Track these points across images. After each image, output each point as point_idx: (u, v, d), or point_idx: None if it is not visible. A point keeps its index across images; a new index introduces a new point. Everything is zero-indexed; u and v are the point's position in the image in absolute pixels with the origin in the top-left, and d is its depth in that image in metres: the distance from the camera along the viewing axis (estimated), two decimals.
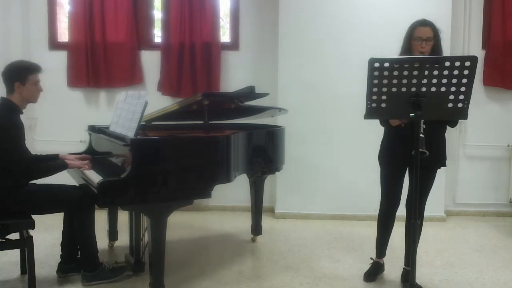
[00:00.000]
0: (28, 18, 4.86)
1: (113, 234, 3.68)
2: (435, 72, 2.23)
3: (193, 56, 4.75)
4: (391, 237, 3.12)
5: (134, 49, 4.84)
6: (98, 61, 4.80)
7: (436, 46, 2.78)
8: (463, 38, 4.72)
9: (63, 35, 5.02)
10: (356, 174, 4.54)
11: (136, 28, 4.85)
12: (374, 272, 3.14)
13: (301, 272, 3.29)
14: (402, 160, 2.87)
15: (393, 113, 2.41)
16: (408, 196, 2.96)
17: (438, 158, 2.86)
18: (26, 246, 2.78)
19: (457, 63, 2.21)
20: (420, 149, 2.36)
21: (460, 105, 2.29)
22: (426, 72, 2.24)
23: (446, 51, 4.31)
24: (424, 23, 2.78)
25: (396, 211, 3.03)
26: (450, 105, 2.30)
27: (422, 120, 2.39)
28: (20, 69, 2.88)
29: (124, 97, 3.20)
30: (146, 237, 2.93)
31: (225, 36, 5.02)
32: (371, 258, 3.19)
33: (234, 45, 4.92)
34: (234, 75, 4.86)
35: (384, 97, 2.32)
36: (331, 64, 4.56)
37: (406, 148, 2.77)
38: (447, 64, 2.22)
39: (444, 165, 2.92)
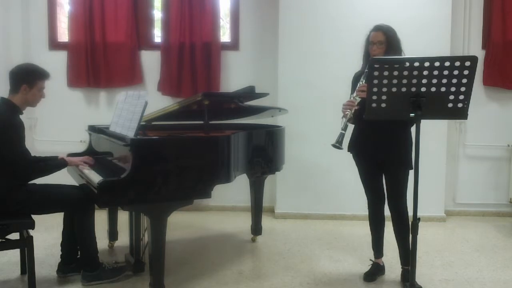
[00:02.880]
0: (28, 18, 4.86)
1: (113, 234, 3.68)
2: (435, 72, 2.24)
3: (193, 56, 4.75)
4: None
5: (134, 49, 4.84)
6: (98, 61, 4.80)
7: (389, 49, 2.84)
8: (463, 38, 4.72)
9: (63, 35, 5.02)
10: (356, 174, 4.51)
11: (136, 28, 4.85)
12: (374, 272, 3.15)
13: (301, 272, 3.29)
14: (372, 160, 2.96)
15: (393, 113, 2.41)
16: (387, 197, 3.00)
17: (400, 159, 2.87)
18: (26, 246, 2.78)
19: (457, 63, 2.21)
20: (336, 144, 2.68)
21: (460, 105, 2.30)
22: (426, 72, 2.24)
23: (446, 51, 4.38)
24: (376, 28, 2.91)
25: (383, 207, 3.05)
26: (450, 105, 2.31)
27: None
28: (31, 72, 2.89)
29: (124, 97, 3.20)
30: (146, 237, 2.93)
31: (225, 36, 5.02)
32: (371, 260, 3.20)
33: (234, 45, 4.92)
34: (234, 75, 4.86)
35: (384, 97, 2.32)
36: (331, 64, 4.55)
37: (372, 148, 2.91)
38: (447, 64, 2.22)
39: (411, 168, 2.84)
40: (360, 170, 3.10)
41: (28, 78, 2.85)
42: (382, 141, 2.87)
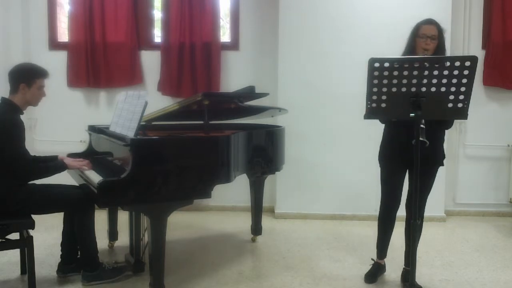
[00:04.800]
0: (28, 18, 4.86)
1: (113, 234, 3.68)
2: (435, 72, 2.23)
3: (193, 56, 4.75)
4: (392, 238, 3.12)
5: (134, 49, 4.84)
6: (98, 61, 4.80)
7: (440, 45, 2.79)
8: (463, 38, 4.72)
9: (63, 35, 5.02)
10: (356, 174, 4.55)
11: (136, 28, 4.85)
12: (375, 273, 3.13)
13: (301, 272, 3.29)
14: (402, 161, 2.88)
15: (393, 113, 2.41)
16: (408, 196, 2.97)
17: (436, 156, 2.85)
18: (26, 246, 2.78)
19: (457, 63, 2.21)
20: (421, 139, 2.35)
21: (460, 105, 2.29)
22: (426, 72, 2.24)
23: (446, 51, 4.37)
24: (430, 21, 2.81)
25: (396, 212, 3.02)
26: (450, 105, 2.30)
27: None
28: (28, 71, 2.90)
29: (124, 97, 3.20)
30: (146, 237, 2.93)
31: (225, 36, 5.02)
32: (372, 259, 3.19)
33: (234, 45, 4.92)
34: (234, 75, 4.86)
35: (384, 97, 2.32)
36: (331, 64, 4.56)
37: (406, 149, 2.77)
38: (447, 64, 2.21)
39: (442, 164, 2.91)
40: (386, 172, 2.99)
41: (26, 77, 2.85)
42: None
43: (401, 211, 3.00)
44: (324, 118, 4.60)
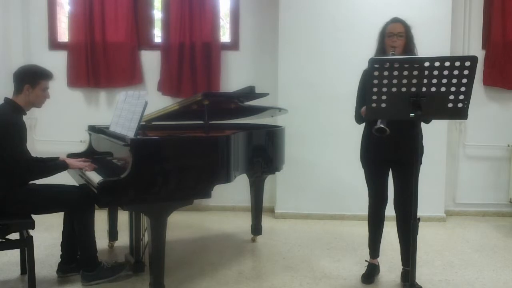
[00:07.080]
0: (28, 18, 4.86)
1: (113, 234, 3.69)
2: (435, 72, 2.23)
3: (193, 56, 4.75)
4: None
5: (134, 49, 4.84)
6: (98, 61, 4.80)
7: (408, 42, 2.86)
8: (463, 38, 4.72)
9: (63, 35, 5.02)
10: (356, 174, 4.51)
11: (136, 28, 4.85)
12: (371, 273, 3.13)
13: (301, 272, 3.29)
14: (384, 159, 2.91)
15: (393, 113, 2.40)
16: (394, 196, 2.98)
17: (417, 158, 2.81)
18: (26, 246, 2.78)
19: (457, 63, 2.21)
20: (381, 126, 2.48)
21: (460, 105, 2.29)
22: (426, 72, 2.24)
23: (446, 51, 4.38)
24: (395, 20, 2.92)
25: (384, 209, 3.04)
26: (450, 105, 2.30)
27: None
28: (33, 72, 2.91)
29: (124, 97, 3.20)
30: (146, 237, 2.94)
31: (225, 36, 5.02)
32: (366, 261, 3.19)
33: (234, 45, 4.92)
34: (234, 75, 4.86)
35: (384, 97, 2.31)
36: (331, 64, 4.56)
37: (387, 147, 2.82)
38: (447, 64, 2.21)
39: (420, 162, 2.78)
40: (368, 172, 3.04)
41: (30, 78, 2.87)
42: (400, 141, 2.80)
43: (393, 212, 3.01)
44: (324, 118, 4.60)
